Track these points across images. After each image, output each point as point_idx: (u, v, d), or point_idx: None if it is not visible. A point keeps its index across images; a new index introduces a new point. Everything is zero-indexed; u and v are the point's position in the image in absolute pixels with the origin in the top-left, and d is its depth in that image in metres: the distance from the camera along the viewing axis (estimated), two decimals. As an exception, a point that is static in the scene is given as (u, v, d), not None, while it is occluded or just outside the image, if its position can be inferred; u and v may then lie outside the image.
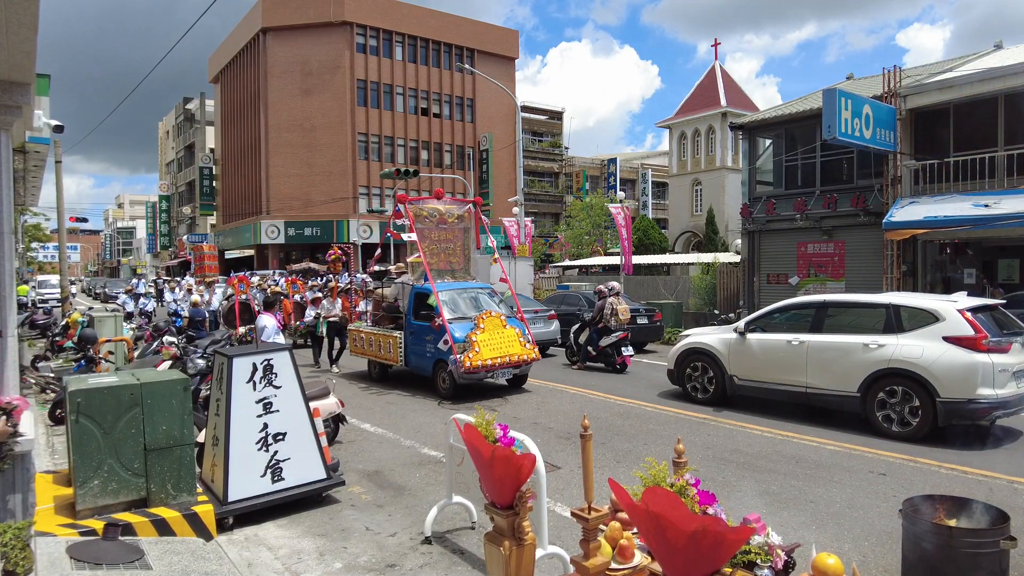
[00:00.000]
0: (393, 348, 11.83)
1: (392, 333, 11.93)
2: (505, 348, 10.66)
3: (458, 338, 10.48)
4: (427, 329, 11.07)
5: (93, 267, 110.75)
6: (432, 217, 12.45)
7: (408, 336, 11.65)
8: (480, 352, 10.30)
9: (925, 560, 3.57)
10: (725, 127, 35.84)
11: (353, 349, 13.23)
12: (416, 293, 11.62)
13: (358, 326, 13.29)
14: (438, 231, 12.55)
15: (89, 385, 5.05)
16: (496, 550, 3.14)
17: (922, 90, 15.96)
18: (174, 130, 67.77)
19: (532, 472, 3.20)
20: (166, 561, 4.50)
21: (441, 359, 10.76)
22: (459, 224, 12.92)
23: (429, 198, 12.82)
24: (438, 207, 12.60)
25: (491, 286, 13.00)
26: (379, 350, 12.27)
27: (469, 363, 10.14)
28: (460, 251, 12.96)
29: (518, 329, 11.10)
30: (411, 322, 11.57)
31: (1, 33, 3.32)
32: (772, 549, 2.31)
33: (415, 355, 11.49)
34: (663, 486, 2.15)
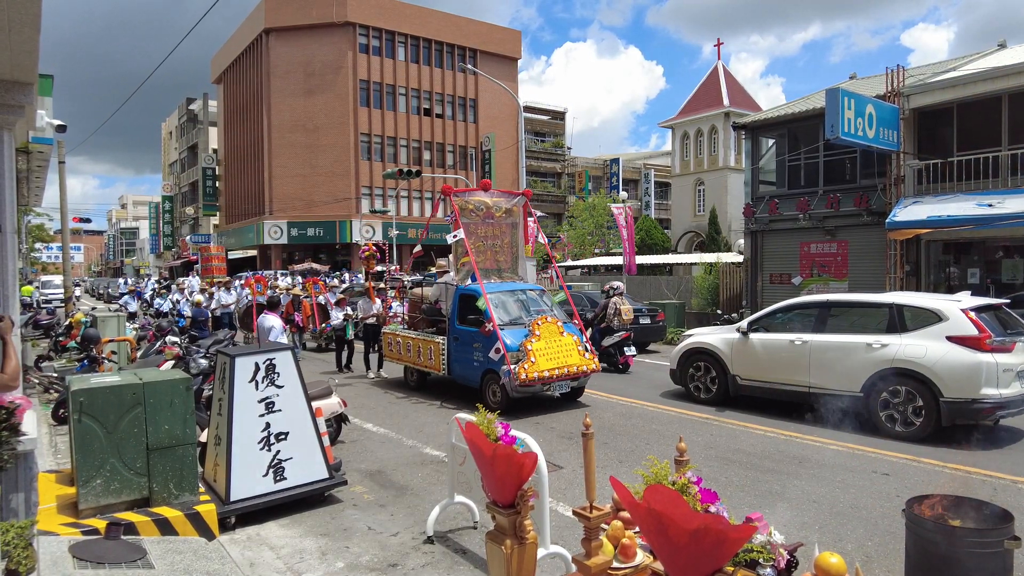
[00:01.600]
0: (435, 355, 10.75)
1: (434, 338, 10.86)
2: (563, 358, 9.52)
3: (511, 346, 9.38)
4: (475, 335, 9.97)
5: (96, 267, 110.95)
6: (479, 211, 11.17)
7: (452, 342, 10.53)
8: (536, 363, 9.22)
9: (928, 560, 3.55)
10: (728, 127, 35.80)
11: (388, 354, 12.29)
12: (461, 295, 10.49)
13: (394, 329, 12.25)
14: (484, 226, 11.27)
15: (92, 384, 5.06)
16: (498, 549, 3.14)
17: (925, 89, 15.93)
18: (177, 131, 67.90)
19: (534, 471, 3.19)
20: (168, 560, 4.50)
21: (491, 369, 9.66)
22: (507, 219, 11.58)
23: (476, 190, 11.53)
24: (485, 200, 11.27)
25: (542, 287, 11.87)
26: (418, 356, 11.22)
27: (525, 375, 9.04)
28: (508, 248, 11.62)
29: (576, 336, 10.00)
30: (456, 327, 10.46)
31: (3, 33, 3.33)
32: (775, 548, 2.30)
33: (460, 363, 10.41)
34: (665, 484, 2.14)
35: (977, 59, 17.73)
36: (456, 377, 10.61)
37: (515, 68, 50.45)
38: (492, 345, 9.53)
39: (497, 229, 11.45)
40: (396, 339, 11.92)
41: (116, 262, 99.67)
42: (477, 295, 9.98)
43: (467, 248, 10.45)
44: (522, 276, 11.76)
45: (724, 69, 39.36)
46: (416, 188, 45.34)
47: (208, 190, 53.98)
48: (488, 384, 9.88)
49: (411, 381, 11.88)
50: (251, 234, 45.49)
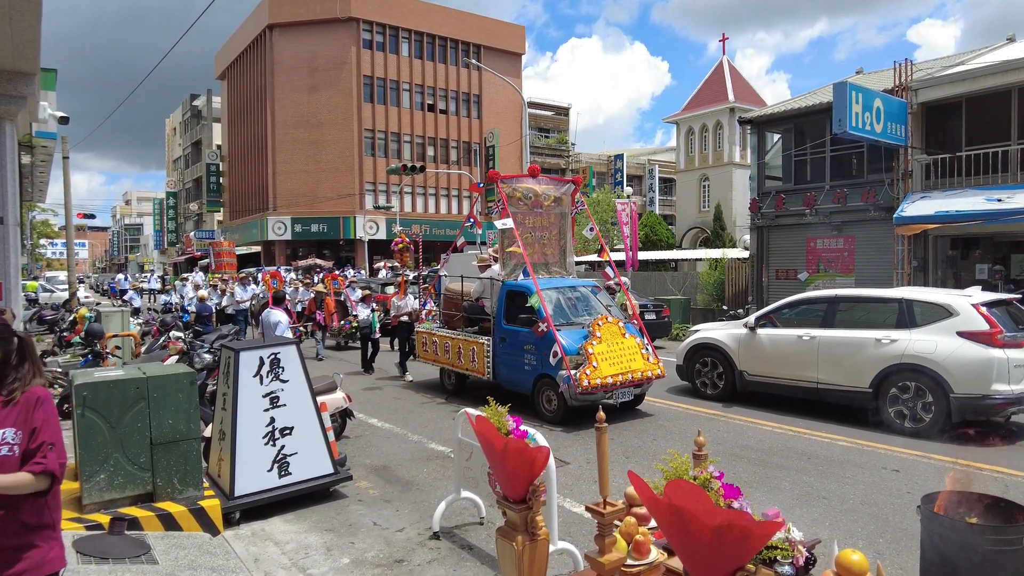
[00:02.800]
0: (478, 357, 9.78)
1: (477, 339, 9.85)
2: (626, 362, 8.58)
3: (570, 349, 8.46)
4: (526, 336, 9.04)
5: (101, 263, 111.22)
6: (526, 199, 10.14)
7: (498, 344, 9.56)
8: (599, 368, 8.23)
9: (944, 558, 3.49)
10: (733, 122, 35.64)
11: (423, 355, 11.28)
12: (509, 291, 9.54)
13: (429, 328, 11.29)
14: (532, 216, 10.23)
15: (95, 379, 5.02)
16: (508, 545, 3.08)
17: (934, 83, 15.79)
18: (181, 127, 67.92)
19: (546, 465, 3.13)
20: (172, 556, 4.46)
21: (546, 374, 8.73)
22: (555, 208, 10.52)
23: (523, 176, 10.43)
24: (533, 187, 10.25)
25: (595, 283, 10.72)
26: (458, 358, 10.24)
27: (587, 381, 8.06)
28: (556, 241, 10.57)
29: (639, 339, 9.06)
30: (503, 326, 9.49)
31: (4, 21, 3.27)
32: (794, 545, 2.24)
33: (508, 367, 9.45)
34: (686, 479, 2.08)
35: (986, 53, 17.59)
36: (502, 382, 9.61)
37: (519, 64, 50.29)
38: (547, 348, 8.66)
39: (545, 219, 10.42)
40: (432, 339, 10.92)
41: (120, 258, 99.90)
42: (528, 292, 9.07)
43: (517, 239, 9.46)
44: (570, 271, 10.76)
45: (729, 64, 39.20)
46: (420, 184, 45.26)
47: (212, 186, 53.97)
48: (541, 391, 8.92)
49: (448, 385, 11.00)
50: (255, 230, 45.48)
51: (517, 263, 9.71)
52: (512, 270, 9.76)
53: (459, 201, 47.72)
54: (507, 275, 9.73)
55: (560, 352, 8.39)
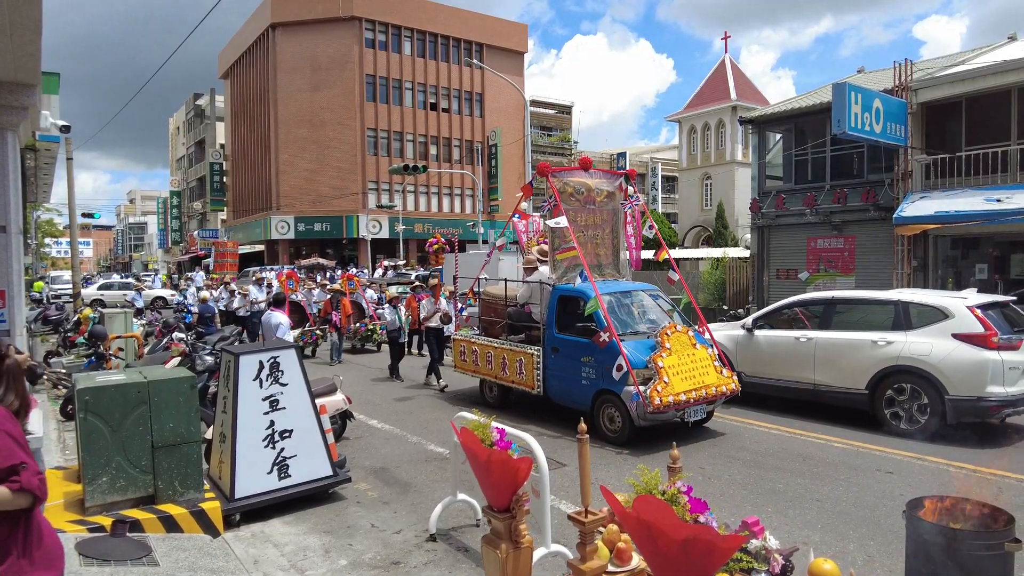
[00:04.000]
0: (526, 369, 8.89)
1: (525, 349, 8.96)
2: (699, 376, 7.67)
3: (637, 362, 7.54)
4: (583, 347, 8.15)
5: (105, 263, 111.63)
6: (578, 194, 9.20)
7: (550, 354, 8.68)
8: (670, 383, 7.33)
9: (928, 562, 3.55)
10: (735, 121, 35.63)
11: (460, 365, 10.38)
12: (561, 296, 8.68)
13: (466, 335, 10.38)
14: (585, 213, 9.23)
15: (97, 383, 5.10)
16: (493, 553, 3.15)
17: (933, 83, 15.80)
18: (184, 126, 68.10)
19: (528, 476, 3.19)
20: (173, 558, 4.54)
21: (608, 390, 7.82)
22: (608, 204, 9.57)
23: (575, 168, 9.48)
24: (586, 181, 9.32)
25: (656, 287, 9.79)
26: (502, 369, 9.35)
27: (659, 399, 7.18)
28: (609, 240, 9.57)
29: (710, 350, 8.19)
30: (555, 335, 8.63)
31: (5, 36, 3.35)
32: (770, 553, 2.30)
33: (561, 380, 8.54)
34: (655, 494, 2.15)
35: (987, 52, 17.58)
36: (554, 397, 8.75)
37: (521, 62, 50.33)
38: (609, 360, 7.75)
39: (598, 217, 9.44)
40: (472, 347, 9.97)
41: (125, 257, 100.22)
42: (584, 297, 8.17)
43: (572, 239, 8.56)
44: (624, 273, 9.76)
45: (732, 62, 39.17)
46: (423, 183, 45.35)
47: (215, 185, 54.14)
48: (602, 408, 7.99)
49: (490, 398, 10.13)
50: (258, 229, 45.64)
51: (570, 265, 8.88)
52: (564, 273, 8.92)
53: (462, 200, 47.79)
54: (559, 278, 8.90)
55: (626, 365, 7.46)
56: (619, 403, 7.67)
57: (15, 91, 4.07)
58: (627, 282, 9.56)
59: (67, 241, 46.87)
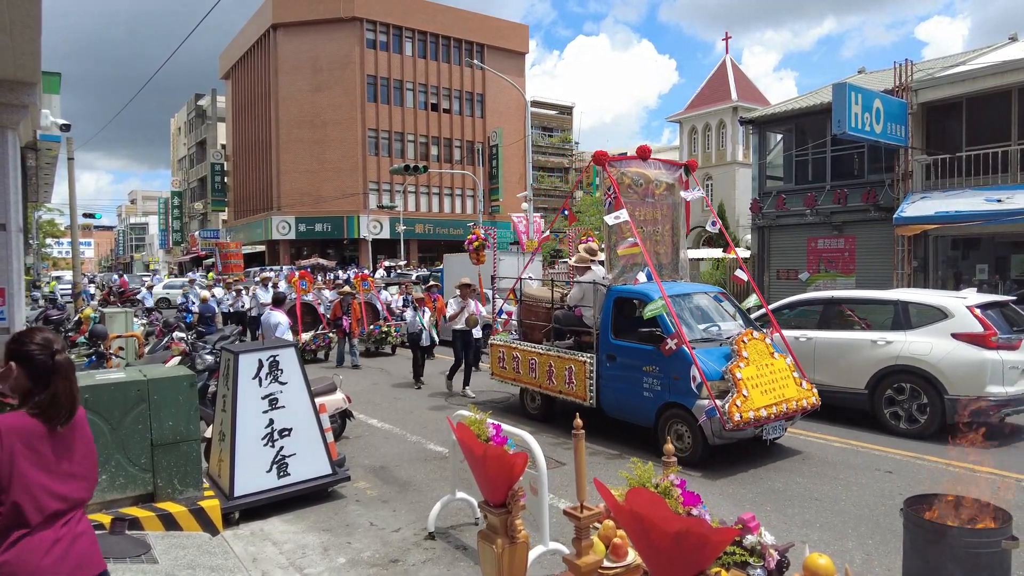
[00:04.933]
0: (576, 378, 8.03)
1: (576, 356, 8.10)
2: (779, 390, 6.85)
3: (712, 373, 6.71)
4: (645, 355, 7.33)
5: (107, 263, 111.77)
6: (637, 186, 8.37)
7: (604, 362, 7.82)
8: (750, 397, 6.52)
9: (925, 560, 3.56)
10: (736, 121, 35.63)
11: (499, 372, 9.52)
12: (618, 298, 7.88)
13: (505, 340, 9.54)
14: (643, 207, 8.39)
15: (96, 381, 5.12)
16: (489, 548, 3.16)
17: (934, 84, 15.81)
18: (186, 126, 68.20)
19: (524, 471, 3.20)
20: (172, 555, 4.55)
21: (676, 403, 7.00)
22: (667, 197, 8.75)
23: (632, 158, 8.53)
24: (644, 172, 8.47)
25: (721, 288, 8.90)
26: (547, 378, 8.50)
27: (740, 415, 6.36)
28: (668, 237, 8.79)
29: (788, 359, 7.33)
30: (611, 341, 7.78)
31: (5, 34, 3.36)
32: (765, 548, 2.31)
33: (618, 392, 7.69)
34: (648, 487, 2.15)
35: (987, 53, 17.59)
36: (610, 409, 7.88)
37: (523, 63, 50.38)
38: (679, 370, 6.93)
39: (657, 211, 8.63)
40: (513, 353, 9.15)
41: (126, 257, 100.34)
42: (646, 299, 7.31)
43: (635, 235, 7.70)
44: (683, 274, 9.00)
45: (732, 63, 39.17)
46: (423, 183, 45.38)
47: (216, 186, 54.22)
48: (668, 424, 7.15)
49: (532, 409, 9.22)
50: (259, 229, 45.68)
51: (627, 264, 8.11)
52: (621, 272, 8.13)
53: (463, 200, 47.82)
54: (615, 278, 8.11)
55: (700, 376, 6.61)
56: (690, 419, 6.83)
57: (15, 89, 4.09)
58: (690, 283, 8.84)
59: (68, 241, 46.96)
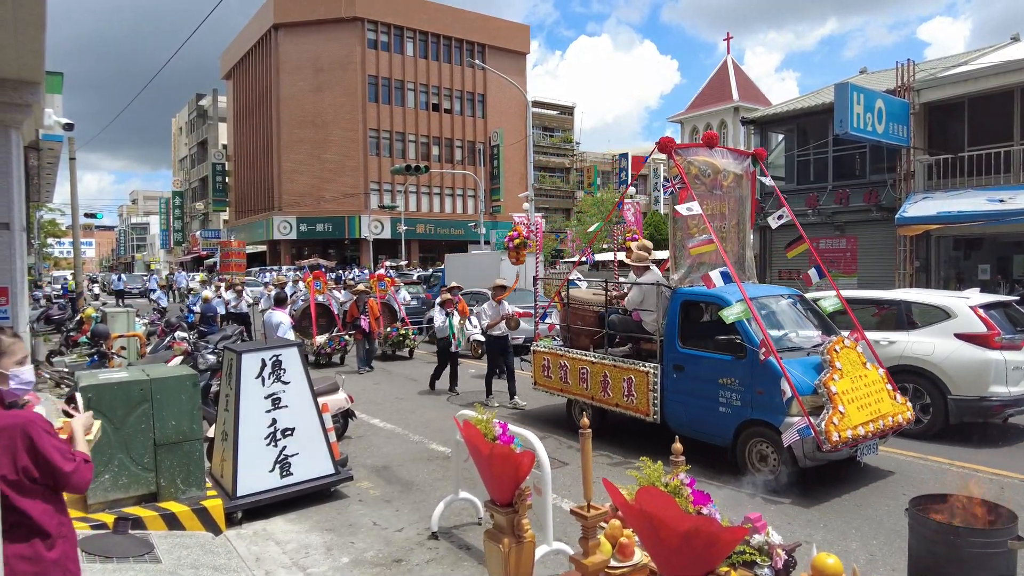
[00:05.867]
0: (638, 390, 7.23)
1: (636, 365, 7.30)
2: (875, 404, 6.15)
3: (804, 386, 5.98)
4: (721, 365, 6.62)
5: (108, 263, 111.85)
6: (704, 176, 7.53)
7: (671, 374, 7.06)
8: (847, 414, 5.79)
9: (931, 560, 3.55)
10: (737, 122, 35.62)
11: (540, 380, 8.75)
12: (687, 302, 7.17)
13: (548, 346, 8.83)
14: (711, 200, 7.51)
15: (100, 380, 5.11)
16: (496, 547, 3.15)
17: (936, 84, 15.80)
18: (187, 126, 68.25)
19: (531, 470, 3.20)
20: (175, 555, 4.55)
21: (760, 420, 6.28)
22: (735, 190, 7.91)
23: (699, 145, 7.70)
24: (712, 161, 7.63)
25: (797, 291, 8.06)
26: (602, 389, 7.69)
27: (838, 434, 5.63)
28: (735, 235, 7.97)
29: (881, 370, 6.61)
30: (678, 350, 7.04)
31: (9, 33, 3.36)
32: (772, 548, 2.30)
33: (688, 406, 6.95)
34: (658, 486, 2.15)
35: (989, 53, 17.57)
36: (676, 425, 7.05)
37: (524, 63, 50.38)
38: (764, 384, 6.20)
39: (724, 205, 7.79)
40: (560, 362, 8.36)
41: (127, 257, 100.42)
42: (720, 303, 6.51)
43: (709, 229, 6.88)
44: (749, 274, 8.14)
45: (734, 64, 39.18)
46: (425, 184, 45.39)
47: (218, 185, 54.25)
48: (749, 443, 6.43)
49: (578, 418, 7.55)
50: (260, 229, 45.70)
51: (695, 263, 7.30)
52: (688, 273, 7.31)
53: (464, 200, 47.83)
54: (681, 279, 7.30)
55: (791, 391, 5.84)
56: (775, 437, 6.07)
57: (19, 88, 4.08)
58: (764, 285, 7.93)
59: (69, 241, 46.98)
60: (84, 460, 2.65)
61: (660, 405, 7.12)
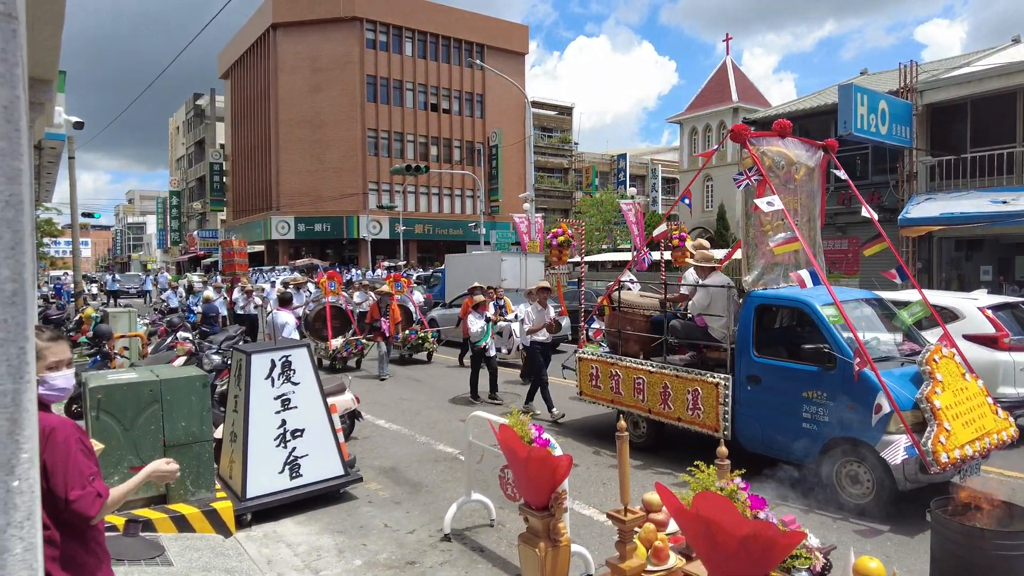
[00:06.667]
0: (705, 403, 6.61)
1: (704, 376, 6.67)
2: (979, 420, 5.62)
3: (904, 401, 5.43)
4: (804, 376, 6.02)
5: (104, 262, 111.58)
6: (778, 168, 6.88)
7: (745, 386, 6.44)
8: (953, 432, 5.26)
9: (955, 562, 3.52)
10: (736, 122, 35.67)
11: (587, 390, 8.10)
12: (762, 306, 6.59)
13: (594, 352, 8.12)
14: (784, 194, 6.68)
15: (110, 381, 5.06)
16: (531, 551, 3.12)
17: (939, 85, 15.82)
18: (184, 126, 68.07)
19: (568, 473, 3.17)
20: (187, 557, 4.50)
21: (852, 439, 5.68)
22: (807, 184, 7.27)
23: (771, 134, 7.04)
24: (785, 152, 7.01)
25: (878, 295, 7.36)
26: (661, 402, 7.06)
27: (946, 454, 5.10)
28: (806, 232, 7.17)
29: (980, 381, 6.04)
30: (754, 360, 6.40)
31: (27, 29, 3.31)
32: (811, 551, 2.28)
33: (766, 423, 6.30)
34: (713, 491, 2.12)
35: (991, 54, 17.60)
36: (750, 443, 6.48)
37: (523, 63, 50.37)
38: (857, 398, 5.58)
39: (797, 200, 7.09)
40: (611, 370, 7.70)
41: (123, 257, 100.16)
42: (805, 308, 6.08)
43: (792, 225, 6.32)
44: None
45: (733, 65, 39.19)
46: (423, 184, 45.33)
47: (215, 185, 54.10)
48: (837, 463, 5.79)
49: (635, 436, 7.45)
50: (258, 229, 45.59)
51: (768, 264, 6.70)
52: (761, 275, 6.68)
53: (462, 200, 47.79)
54: (754, 281, 6.65)
55: (891, 406, 5.31)
56: (871, 458, 5.51)
57: (33, 87, 4.04)
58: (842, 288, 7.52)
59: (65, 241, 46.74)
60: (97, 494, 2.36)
61: (732, 420, 6.46)
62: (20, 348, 1.18)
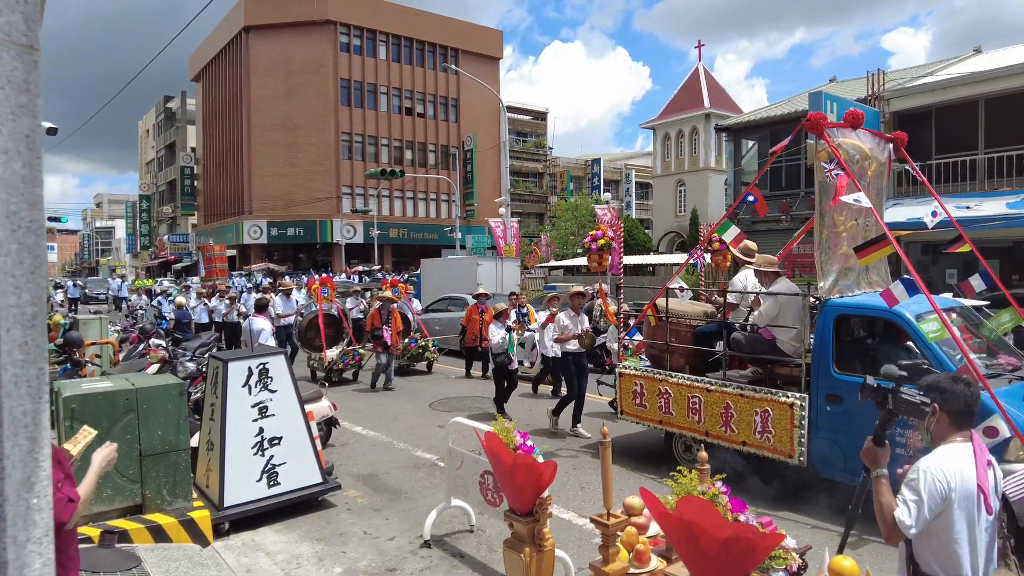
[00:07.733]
0: (776, 426, 5.87)
1: (775, 396, 5.92)
2: None
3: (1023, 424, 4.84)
4: None
5: (71, 267, 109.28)
6: (852, 162, 6.12)
7: (824, 406, 5.70)
8: None
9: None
10: (709, 128, 36.10)
11: (630, 409, 7.30)
12: (842, 316, 5.83)
13: (638, 367, 7.36)
14: None
15: (84, 390, 4.99)
16: (516, 557, 3.15)
17: (905, 93, 16.20)
18: (155, 129, 67.03)
19: (553, 479, 3.21)
20: (163, 568, 4.46)
21: None
22: (878, 180, 6.77)
23: (843, 125, 6.31)
24: (861, 145, 6.39)
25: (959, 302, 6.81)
26: (722, 425, 6.31)
27: None
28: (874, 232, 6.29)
29: None
30: (834, 376, 5.65)
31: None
32: (788, 552, 2.34)
33: (849, 447, 5.41)
34: (695, 495, 2.18)
35: (954, 64, 18.07)
36: (826, 469, 5.74)
37: (497, 68, 50.48)
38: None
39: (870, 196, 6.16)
40: (659, 387, 6.91)
41: (91, 262, 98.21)
42: (896, 318, 5.40)
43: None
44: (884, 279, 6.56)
45: (705, 71, 39.70)
46: (398, 188, 45.16)
47: (186, 189, 53.36)
48: None
49: (687, 459, 6.83)
50: (230, 234, 45.01)
51: (842, 269, 6.01)
52: (836, 281, 5.93)
53: (437, 205, 47.70)
54: (829, 288, 5.86)
55: (1011, 429, 4.75)
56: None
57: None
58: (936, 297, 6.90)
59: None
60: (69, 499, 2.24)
61: (808, 446, 5.68)
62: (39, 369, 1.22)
